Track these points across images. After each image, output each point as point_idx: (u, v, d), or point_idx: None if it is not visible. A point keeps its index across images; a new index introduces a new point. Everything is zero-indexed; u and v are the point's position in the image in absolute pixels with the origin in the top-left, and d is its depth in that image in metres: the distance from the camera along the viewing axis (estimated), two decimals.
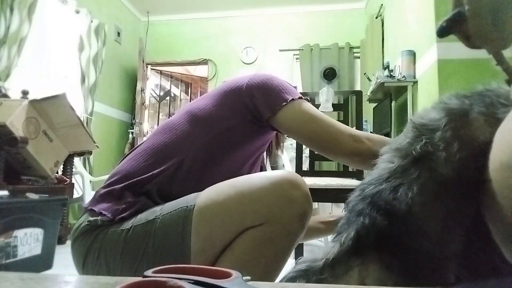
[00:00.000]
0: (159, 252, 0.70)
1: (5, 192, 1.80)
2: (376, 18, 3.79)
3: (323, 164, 3.73)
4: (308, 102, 0.87)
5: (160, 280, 0.28)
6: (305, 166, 2.18)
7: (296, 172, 1.70)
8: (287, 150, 2.93)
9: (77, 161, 3.11)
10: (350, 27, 4.43)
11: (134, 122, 4.51)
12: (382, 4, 3.69)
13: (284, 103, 0.83)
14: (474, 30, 0.42)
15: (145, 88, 4.62)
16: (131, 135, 4.47)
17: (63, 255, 1.91)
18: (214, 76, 4.72)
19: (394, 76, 2.84)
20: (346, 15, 4.51)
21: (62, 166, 2.62)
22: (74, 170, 2.84)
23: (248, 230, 0.69)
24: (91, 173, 3.52)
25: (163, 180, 0.79)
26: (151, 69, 4.91)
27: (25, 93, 2.35)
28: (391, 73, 2.91)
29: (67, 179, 2.54)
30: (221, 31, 4.77)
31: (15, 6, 2.65)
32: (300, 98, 0.86)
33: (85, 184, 3.12)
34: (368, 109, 3.46)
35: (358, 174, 1.77)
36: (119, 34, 4.42)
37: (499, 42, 0.42)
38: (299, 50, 4.47)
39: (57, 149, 2.36)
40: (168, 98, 5.38)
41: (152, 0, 4.57)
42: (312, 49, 4.41)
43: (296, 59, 4.59)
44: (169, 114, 5.25)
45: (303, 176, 0.93)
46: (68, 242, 2.32)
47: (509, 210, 0.40)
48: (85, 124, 2.83)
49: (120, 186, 0.78)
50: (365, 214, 0.51)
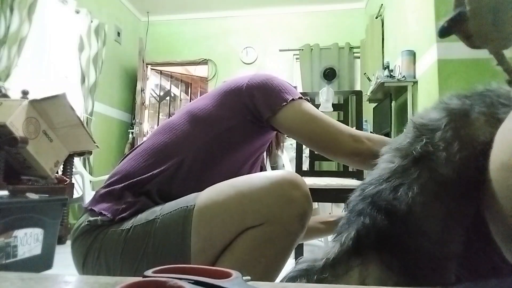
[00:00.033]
0: (159, 252, 0.70)
1: (5, 192, 1.80)
2: (376, 18, 3.79)
3: (323, 164, 3.73)
4: (308, 102, 0.87)
5: (160, 280, 0.28)
6: (305, 166, 2.18)
7: (296, 172, 1.70)
8: (287, 150, 2.93)
9: (77, 161, 3.11)
10: (350, 27, 4.44)
11: (134, 122, 4.51)
12: (382, 4, 3.69)
13: (284, 103, 0.83)
14: (474, 30, 0.42)
15: (145, 88, 4.62)
16: (131, 135, 4.47)
17: (63, 255, 1.91)
18: (214, 76, 4.72)
19: (394, 76, 2.84)
20: (346, 15, 4.51)
21: (62, 166, 2.62)
22: (74, 170, 2.84)
23: (248, 230, 0.69)
24: (91, 173, 3.52)
25: (163, 180, 0.79)
26: (151, 69, 4.91)
27: (25, 93, 2.35)
28: (391, 73, 2.90)
29: (67, 179, 2.54)
30: (221, 31, 4.77)
31: (15, 6, 2.65)
32: (300, 98, 0.86)
33: (85, 184, 3.12)
34: (368, 109, 3.46)
35: (358, 174, 1.77)
36: (119, 34, 4.42)
37: (499, 42, 0.42)
38: (299, 50, 4.47)
39: (57, 149, 2.36)
40: (168, 98, 5.38)
41: (152, 0, 4.57)
42: (312, 49, 4.41)
43: (296, 59, 4.59)
44: (169, 114, 5.24)
45: (303, 176, 0.93)
46: (68, 242, 2.32)
47: (509, 210, 0.40)
48: (85, 124, 2.83)
49: (120, 186, 0.78)
50: (365, 214, 0.51)
